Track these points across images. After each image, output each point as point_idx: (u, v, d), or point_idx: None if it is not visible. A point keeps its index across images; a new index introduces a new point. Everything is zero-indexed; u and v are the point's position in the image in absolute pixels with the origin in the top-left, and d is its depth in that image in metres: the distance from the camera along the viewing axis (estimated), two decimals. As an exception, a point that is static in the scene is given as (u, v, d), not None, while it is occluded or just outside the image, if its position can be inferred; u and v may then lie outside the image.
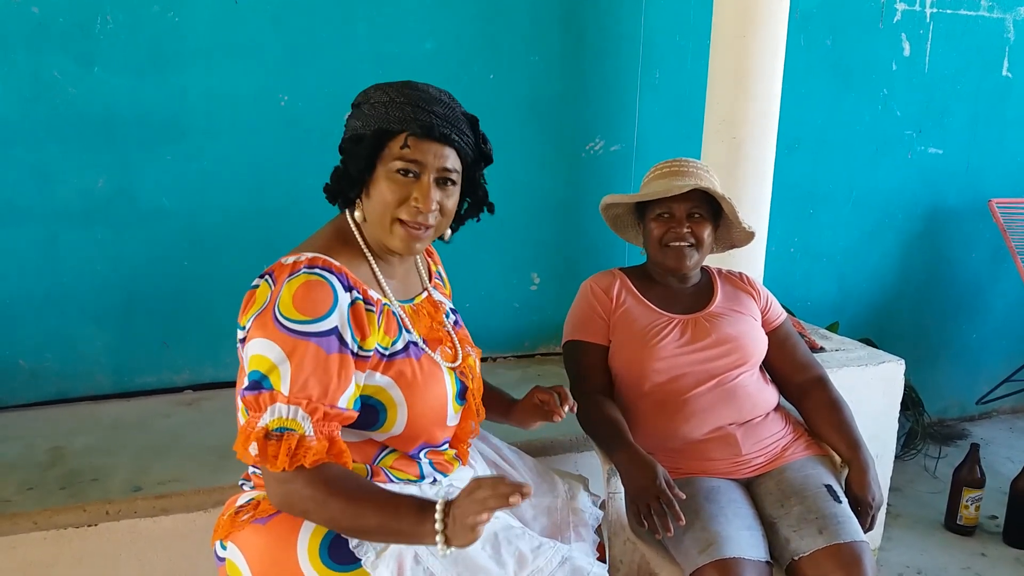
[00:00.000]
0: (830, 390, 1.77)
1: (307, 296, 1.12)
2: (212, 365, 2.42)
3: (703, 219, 1.72)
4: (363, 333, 1.17)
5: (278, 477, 1.12)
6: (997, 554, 2.57)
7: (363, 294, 1.19)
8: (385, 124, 1.18)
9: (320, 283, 1.14)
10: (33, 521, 1.65)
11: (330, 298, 1.14)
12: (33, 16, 2.07)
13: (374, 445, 1.25)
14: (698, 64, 2.72)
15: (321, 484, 1.12)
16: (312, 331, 1.11)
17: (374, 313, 1.20)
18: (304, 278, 1.14)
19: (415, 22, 2.40)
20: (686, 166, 1.75)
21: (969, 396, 3.62)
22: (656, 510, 1.45)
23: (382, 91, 1.21)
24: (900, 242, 3.33)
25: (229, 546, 1.24)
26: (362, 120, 1.20)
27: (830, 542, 1.47)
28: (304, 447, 1.10)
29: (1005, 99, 3.32)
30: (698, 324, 1.74)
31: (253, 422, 1.11)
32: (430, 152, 1.19)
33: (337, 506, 1.12)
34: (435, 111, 1.18)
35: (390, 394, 1.21)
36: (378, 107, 1.19)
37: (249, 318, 1.16)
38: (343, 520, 1.13)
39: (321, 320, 1.12)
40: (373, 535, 1.15)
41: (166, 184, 2.26)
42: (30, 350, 2.24)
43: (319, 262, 1.16)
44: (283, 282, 1.14)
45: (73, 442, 2.01)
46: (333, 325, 1.13)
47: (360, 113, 1.22)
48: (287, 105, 2.32)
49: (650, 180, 1.79)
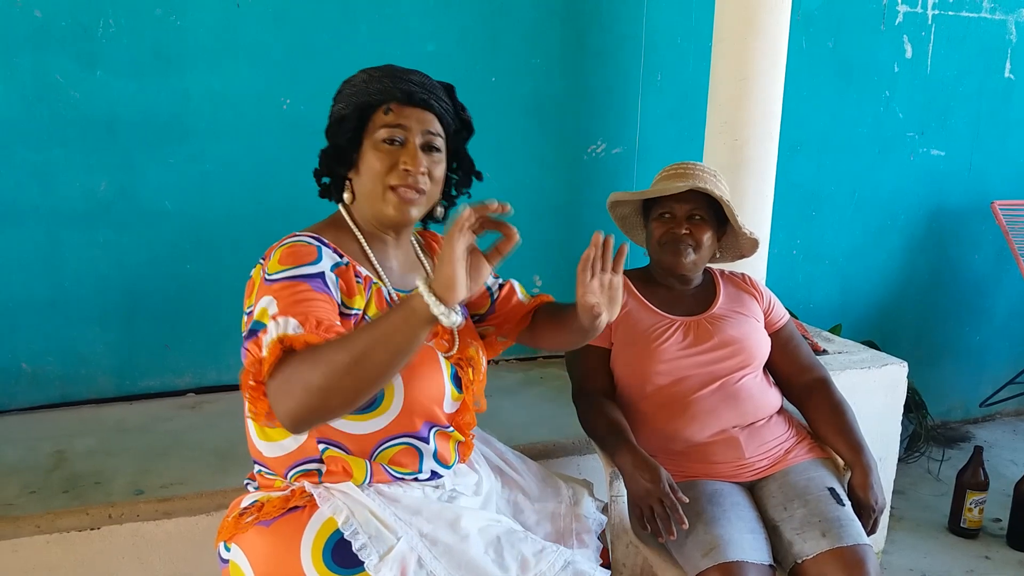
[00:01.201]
0: (833, 392, 1.77)
1: (292, 252, 1.18)
2: (215, 368, 2.42)
3: (703, 222, 1.72)
4: (350, 291, 1.20)
5: (274, 381, 1.06)
6: (1001, 557, 2.56)
7: (354, 268, 1.23)
8: (366, 98, 1.23)
9: (304, 244, 1.19)
10: (36, 524, 1.65)
11: (314, 253, 1.18)
12: (36, 19, 2.08)
13: (372, 439, 1.23)
14: (700, 66, 2.72)
15: (312, 348, 1.06)
16: (299, 274, 1.15)
17: (361, 285, 1.23)
18: (290, 243, 1.20)
19: (417, 24, 2.40)
20: (692, 169, 1.75)
21: (972, 398, 3.61)
22: (659, 513, 1.45)
23: (360, 73, 1.27)
24: (903, 244, 3.33)
25: (233, 548, 1.24)
26: (344, 101, 1.26)
27: (833, 545, 1.47)
28: (291, 337, 1.06)
29: (1007, 101, 3.32)
30: (701, 326, 1.74)
31: (255, 358, 1.08)
32: (412, 117, 1.23)
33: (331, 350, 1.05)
34: (412, 79, 1.25)
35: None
36: (358, 85, 1.25)
37: (251, 303, 1.18)
38: (340, 358, 1.03)
39: (307, 265, 1.16)
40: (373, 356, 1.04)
41: (168, 186, 2.26)
42: (32, 353, 2.24)
43: (304, 233, 1.23)
44: (271, 255, 1.20)
45: (75, 445, 2.01)
46: (320, 270, 1.17)
47: (341, 96, 1.27)
48: (289, 107, 2.32)
49: (657, 181, 1.79)
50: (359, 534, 1.16)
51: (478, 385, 1.38)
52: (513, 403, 2.30)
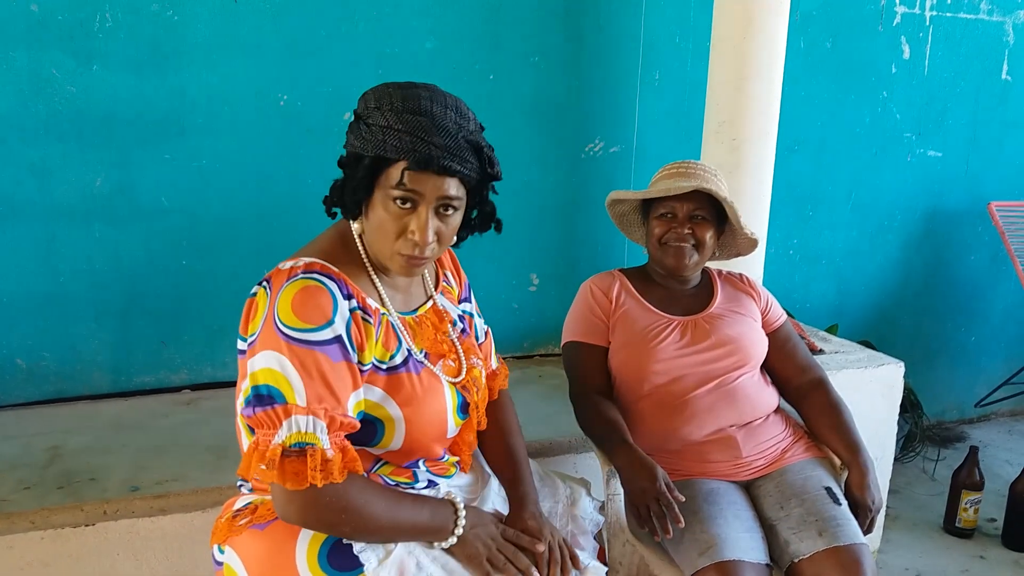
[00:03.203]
0: (830, 392, 1.77)
1: (306, 302, 1.09)
2: (210, 365, 2.42)
3: (705, 221, 1.72)
4: (360, 345, 1.14)
5: (301, 495, 1.07)
6: (996, 556, 2.57)
7: (361, 303, 1.16)
8: (383, 151, 1.10)
9: (318, 288, 1.10)
10: (30, 520, 1.65)
11: (330, 304, 1.10)
12: (32, 14, 2.07)
13: (369, 457, 1.23)
14: (698, 66, 2.72)
15: (357, 493, 1.11)
16: (317, 339, 1.08)
17: (371, 325, 1.16)
18: (302, 283, 1.10)
19: (416, 21, 2.39)
20: (694, 168, 1.75)
21: (968, 399, 3.62)
22: (655, 512, 1.45)
23: (383, 112, 1.11)
24: (899, 245, 3.34)
25: (227, 551, 1.23)
26: (361, 141, 1.13)
27: (830, 544, 1.47)
28: (327, 461, 1.07)
29: (1004, 102, 3.33)
30: (698, 326, 1.74)
31: (267, 440, 1.06)
32: (428, 184, 1.11)
33: (376, 510, 1.12)
34: (435, 142, 1.09)
35: (387, 410, 1.18)
36: (376, 131, 1.11)
37: (252, 333, 1.12)
38: (379, 523, 1.13)
39: (324, 328, 1.09)
40: (399, 534, 1.16)
41: (165, 183, 2.25)
42: (28, 349, 2.24)
43: (316, 267, 1.13)
44: (280, 288, 1.10)
45: (71, 441, 2.00)
46: (337, 333, 1.10)
47: (359, 130, 1.14)
48: (287, 104, 2.31)
49: (657, 180, 1.79)
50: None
51: (482, 405, 1.38)
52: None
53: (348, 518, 1.11)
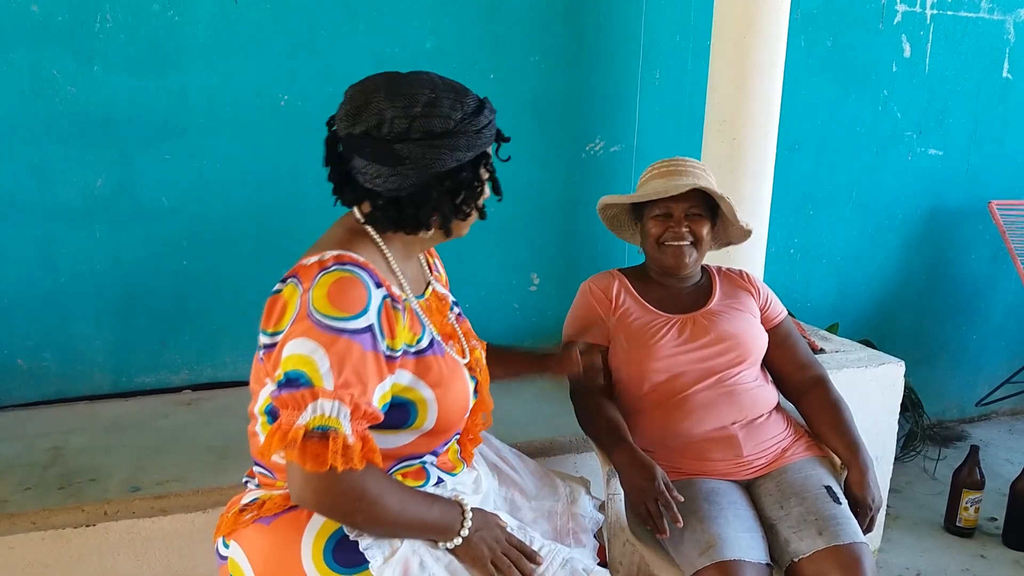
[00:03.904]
0: (830, 390, 1.77)
1: (342, 293, 1.10)
2: (211, 365, 2.42)
3: (702, 217, 1.72)
4: (392, 333, 1.15)
5: (319, 478, 1.07)
6: (996, 556, 2.56)
7: (388, 291, 1.17)
8: (484, 146, 1.25)
9: (353, 279, 1.12)
10: (31, 521, 1.65)
11: (365, 295, 1.12)
12: (32, 14, 2.07)
13: (391, 455, 1.24)
14: (698, 64, 2.71)
15: (373, 483, 1.12)
16: (350, 328, 1.09)
17: (400, 311, 1.18)
18: (336, 275, 1.12)
19: (416, 21, 2.39)
20: (683, 165, 1.74)
21: (969, 398, 3.62)
22: (654, 511, 1.45)
23: (469, 119, 1.20)
24: (900, 243, 3.33)
25: (232, 545, 1.23)
26: (461, 151, 1.20)
27: (830, 543, 1.46)
28: (347, 447, 1.07)
29: (1005, 100, 3.32)
30: (697, 323, 1.74)
31: (290, 420, 1.07)
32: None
33: (390, 503, 1.13)
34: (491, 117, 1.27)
35: (419, 392, 1.19)
36: (472, 137, 1.21)
37: (283, 326, 1.12)
38: (390, 516, 1.14)
39: (358, 317, 1.10)
40: (407, 529, 1.18)
41: (165, 183, 2.25)
42: (29, 349, 2.24)
43: (347, 259, 1.15)
44: (314, 279, 1.12)
45: (71, 442, 2.01)
46: (369, 323, 1.11)
47: (455, 143, 1.19)
48: (287, 104, 2.31)
49: (647, 180, 1.78)
50: (364, 535, 1.16)
51: (485, 385, 1.39)
52: (511, 401, 2.29)
53: (362, 507, 1.11)
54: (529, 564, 1.24)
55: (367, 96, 1.19)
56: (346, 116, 1.20)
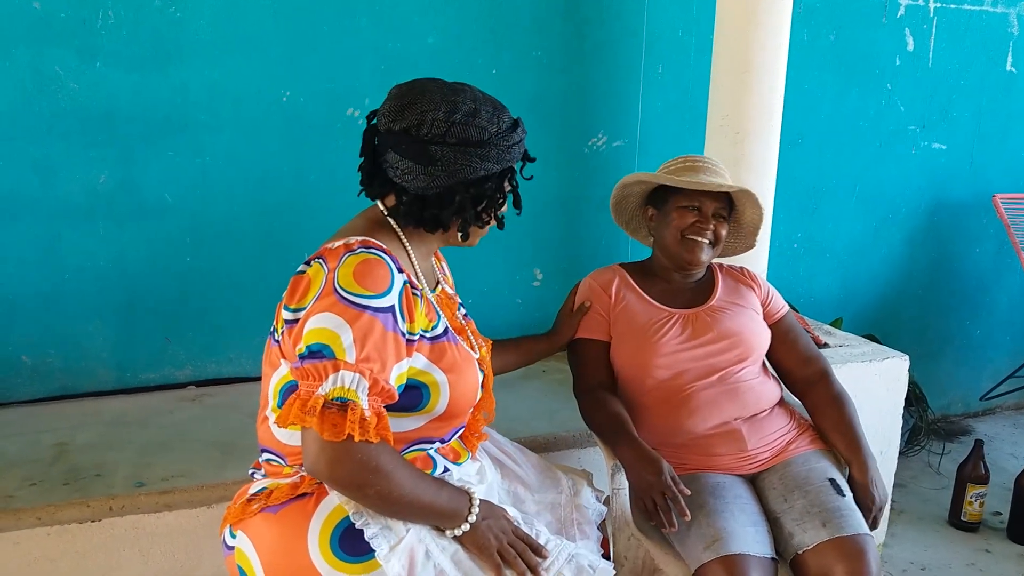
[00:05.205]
0: (834, 384, 1.77)
1: (368, 272, 1.15)
2: (215, 361, 2.42)
3: (725, 220, 1.74)
4: (411, 317, 1.19)
5: (334, 447, 1.09)
6: (1001, 550, 2.56)
7: (408, 278, 1.22)
8: (516, 159, 1.31)
9: (379, 262, 1.17)
10: (37, 516, 1.65)
11: (388, 276, 1.16)
12: (35, 11, 2.07)
13: (400, 439, 1.25)
14: (701, 59, 2.71)
15: (387, 457, 1.13)
16: (373, 305, 1.13)
17: (418, 297, 1.23)
18: (363, 256, 1.16)
19: (418, 17, 2.39)
20: (713, 164, 1.76)
21: (973, 392, 3.61)
22: (661, 505, 1.45)
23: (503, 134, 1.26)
24: (904, 238, 3.32)
25: (239, 535, 1.24)
26: (492, 161, 1.25)
27: (833, 535, 1.47)
28: (364, 420, 1.10)
29: (1009, 94, 3.31)
30: (699, 319, 1.73)
31: (310, 391, 1.10)
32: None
33: (402, 479, 1.15)
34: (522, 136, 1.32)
35: (433, 376, 1.23)
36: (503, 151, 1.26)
37: (309, 300, 1.15)
38: (402, 493, 1.15)
39: (382, 296, 1.14)
40: (416, 510, 1.18)
41: (168, 179, 2.25)
42: (33, 346, 2.24)
43: (372, 244, 1.20)
44: (340, 259, 1.16)
45: (76, 438, 2.01)
46: (391, 303, 1.15)
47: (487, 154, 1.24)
48: (289, 100, 2.31)
49: (678, 169, 1.75)
50: (370, 524, 1.17)
51: (488, 384, 1.42)
52: (514, 396, 2.30)
53: (375, 480, 1.12)
54: (535, 556, 1.24)
55: (413, 96, 1.22)
56: (389, 112, 1.23)
